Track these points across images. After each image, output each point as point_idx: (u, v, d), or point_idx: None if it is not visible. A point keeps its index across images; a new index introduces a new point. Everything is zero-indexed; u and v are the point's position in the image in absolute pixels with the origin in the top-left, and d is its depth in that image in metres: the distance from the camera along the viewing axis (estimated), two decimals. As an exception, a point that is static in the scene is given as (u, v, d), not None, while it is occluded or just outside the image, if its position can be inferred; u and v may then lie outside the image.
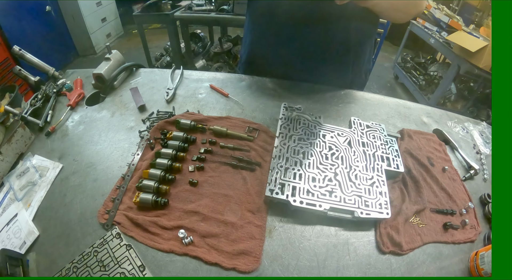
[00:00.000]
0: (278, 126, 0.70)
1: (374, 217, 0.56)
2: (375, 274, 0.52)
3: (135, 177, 0.64)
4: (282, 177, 0.60)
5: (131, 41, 4.11)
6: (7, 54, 2.33)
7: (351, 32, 0.82)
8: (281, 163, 0.62)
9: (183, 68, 1.00)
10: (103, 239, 0.55)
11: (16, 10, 2.58)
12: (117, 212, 0.58)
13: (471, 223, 0.61)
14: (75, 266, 0.52)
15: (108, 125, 0.80)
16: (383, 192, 0.60)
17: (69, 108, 0.85)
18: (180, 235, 0.53)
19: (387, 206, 0.58)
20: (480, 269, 0.52)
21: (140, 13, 2.61)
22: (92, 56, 3.65)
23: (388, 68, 3.61)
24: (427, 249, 0.57)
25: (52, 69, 0.97)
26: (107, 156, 0.71)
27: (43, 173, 0.68)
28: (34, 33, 2.82)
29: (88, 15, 3.42)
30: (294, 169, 0.61)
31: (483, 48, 2.06)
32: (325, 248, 0.55)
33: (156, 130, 0.75)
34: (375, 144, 0.70)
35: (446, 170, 0.71)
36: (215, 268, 0.51)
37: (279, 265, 0.52)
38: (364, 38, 0.87)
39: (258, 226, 0.56)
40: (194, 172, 0.66)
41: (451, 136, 0.81)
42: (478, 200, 0.68)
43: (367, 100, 0.91)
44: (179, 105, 0.86)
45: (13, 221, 0.61)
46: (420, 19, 2.90)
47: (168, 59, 3.03)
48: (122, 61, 0.99)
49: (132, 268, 0.51)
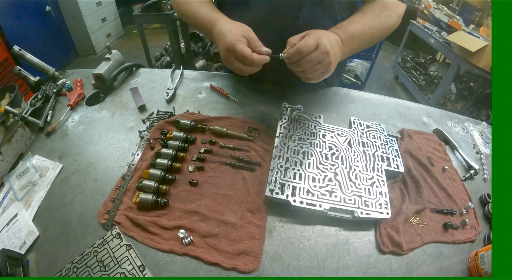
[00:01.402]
0: (278, 127, 0.70)
1: (374, 217, 0.56)
2: (375, 274, 0.52)
3: (135, 177, 0.64)
4: (282, 177, 0.60)
5: (131, 41, 4.11)
6: (7, 54, 2.33)
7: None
8: (281, 163, 0.62)
9: (183, 68, 1.00)
10: (103, 239, 0.55)
11: (16, 10, 2.58)
12: (117, 212, 0.58)
13: (471, 223, 0.61)
14: (75, 266, 0.52)
15: (108, 125, 0.80)
16: (383, 192, 0.60)
17: (69, 108, 0.85)
18: (180, 235, 0.53)
19: (387, 206, 0.58)
20: (480, 269, 0.52)
21: (140, 13, 2.61)
22: (92, 56, 3.65)
23: (388, 68, 3.61)
24: (427, 249, 0.57)
25: (52, 69, 0.97)
26: (107, 156, 0.71)
27: (43, 173, 0.68)
28: (34, 33, 2.82)
29: (88, 15, 3.42)
30: (294, 168, 0.61)
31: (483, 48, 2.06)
32: (325, 248, 0.55)
33: (156, 130, 0.75)
34: (375, 143, 0.70)
35: (446, 170, 0.71)
36: (215, 268, 0.51)
37: (279, 265, 0.52)
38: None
39: (258, 226, 0.56)
40: (194, 172, 0.66)
41: (451, 136, 0.81)
42: (478, 200, 0.68)
43: (367, 100, 0.91)
44: (179, 105, 0.86)
45: (13, 221, 0.61)
46: (420, 19, 2.91)
47: (168, 59, 3.03)
48: (122, 61, 0.99)
49: (132, 268, 0.51)
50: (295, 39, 0.60)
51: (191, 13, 0.74)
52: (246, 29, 0.63)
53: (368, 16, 0.71)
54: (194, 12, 0.74)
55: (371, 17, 0.71)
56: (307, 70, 0.59)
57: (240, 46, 0.58)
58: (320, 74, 0.61)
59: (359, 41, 0.69)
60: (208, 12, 0.71)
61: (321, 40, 0.58)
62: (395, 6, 0.74)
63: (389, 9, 0.73)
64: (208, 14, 0.70)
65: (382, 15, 0.72)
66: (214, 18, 0.68)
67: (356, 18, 0.71)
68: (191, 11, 0.74)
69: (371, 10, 0.73)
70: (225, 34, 0.61)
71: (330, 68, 0.61)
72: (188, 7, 0.76)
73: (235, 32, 0.61)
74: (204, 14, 0.71)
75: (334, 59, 0.61)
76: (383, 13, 0.72)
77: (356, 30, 0.68)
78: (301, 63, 0.58)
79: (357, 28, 0.68)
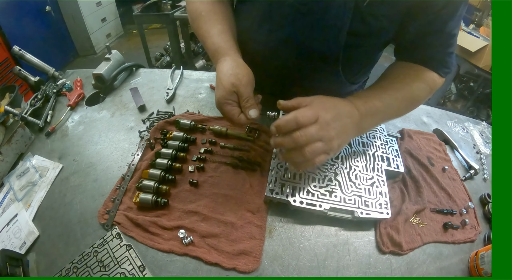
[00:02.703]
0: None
1: (374, 217, 0.56)
2: (375, 274, 0.52)
3: (135, 177, 0.64)
4: (282, 177, 0.60)
5: (131, 41, 4.11)
6: (7, 54, 2.33)
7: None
8: (281, 163, 0.62)
9: (183, 68, 1.00)
10: (103, 239, 0.55)
11: (16, 10, 2.58)
12: (117, 212, 0.58)
13: (471, 223, 0.61)
14: (75, 266, 0.52)
15: (108, 125, 0.80)
16: (383, 192, 0.60)
17: (69, 108, 0.85)
18: (180, 235, 0.53)
19: (387, 206, 0.58)
20: (480, 269, 0.52)
21: (140, 13, 2.61)
22: (92, 56, 3.64)
23: (388, 68, 3.60)
24: (427, 249, 0.57)
25: (52, 69, 0.97)
26: (107, 156, 0.71)
27: (43, 173, 0.68)
28: (34, 33, 2.81)
29: (88, 15, 3.42)
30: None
31: (483, 48, 2.06)
32: (325, 248, 0.55)
33: (156, 131, 0.75)
34: (375, 143, 0.70)
35: (446, 169, 0.71)
36: (215, 268, 0.51)
37: (279, 265, 0.52)
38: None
39: (258, 226, 0.56)
40: (194, 172, 0.66)
41: (451, 136, 0.81)
42: (478, 200, 0.68)
43: (367, 100, 0.91)
44: (179, 105, 0.86)
45: (13, 221, 0.61)
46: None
47: (168, 59, 3.03)
48: (122, 61, 0.99)
49: (132, 268, 0.51)
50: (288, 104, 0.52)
51: (201, 35, 0.66)
52: (240, 81, 0.55)
53: (398, 85, 0.60)
54: (203, 35, 0.65)
55: (401, 87, 0.60)
56: (306, 149, 0.47)
57: (226, 109, 0.56)
58: (323, 156, 0.50)
59: (382, 115, 0.58)
60: (215, 41, 0.62)
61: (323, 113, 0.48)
62: (432, 80, 0.61)
63: (424, 81, 0.61)
64: (214, 45, 0.62)
65: (414, 86, 0.60)
66: (218, 52, 0.61)
67: (383, 85, 0.61)
68: (201, 32, 0.66)
69: (402, 78, 0.61)
70: (217, 85, 0.57)
71: (333, 147, 0.50)
72: (200, 26, 0.66)
73: (226, 86, 0.55)
74: (210, 43, 0.63)
75: (341, 138, 0.51)
76: (416, 84, 0.60)
77: (381, 101, 0.56)
78: (295, 136, 0.47)
79: (382, 99, 0.57)
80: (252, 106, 0.56)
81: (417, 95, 0.61)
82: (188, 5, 0.71)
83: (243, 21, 0.70)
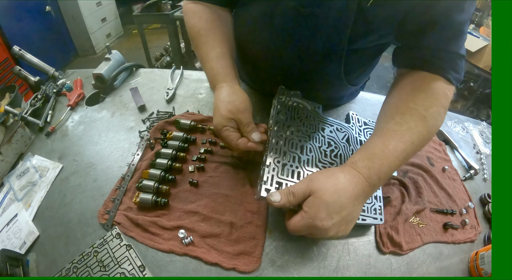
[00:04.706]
0: (272, 109, 0.64)
1: (369, 222, 0.55)
2: (375, 274, 0.52)
3: (135, 177, 0.64)
4: (279, 174, 0.55)
5: (131, 41, 4.11)
6: (7, 54, 2.33)
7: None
8: (278, 158, 0.57)
9: (183, 68, 1.00)
10: (103, 239, 0.55)
11: (16, 10, 2.58)
12: (117, 212, 0.58)
13: (471, 223, 0.61)
14: (75, 266, 0.52)
15: (108, 125, 0.80)
16: (378, 196, 0.59)
17: (69, 108, 0.85)
18: (180, 235, 0.53)
19: (381, 212, 0.57)
20: (480, 269, 0.52)
21: (140, 13, 2.61)
22: (92, 56, 3.65)
23: (388, 68, 3.60)
24: (427, 249, 0.57)
25: (52, 69, 0.97)
26: (107, 156, 0.71)
27: (43, 173, 0.68)
28: (34, 33, 2.82)
29: (88, 15, 3.42)
30: (292, 165, 0.57)
31: (483, 48, 2.07)
32: (325, 248, 0.55)
33: (156, 131, 0.75)
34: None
35: (446, 169, 0.71)
36: (215, 268, 0.51)
37: (279, 265, 0.52)
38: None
39: (258, 226, 0.56)
40: (194, 172, 0.66)
41: (451, 136, 0.82)
42: (478, 200, 0.68)
43: (367, 100, 0.91)
44: (179, 105, 0.86)
45: (13, 221, 0.61)
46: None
47: (168, 59, 3.03)
48: (122, 61, 0.99)
49: (132, 268, 0.51)
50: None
51: (199, 55, 0.66)
52: (237, 108, 0.56)
53: (411, 123, 0.50)
54: (201, 56, 0.65)
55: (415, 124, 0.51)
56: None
57: (225, 134, 0.56)
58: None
59: (396, 167, 0.50)
60: (214, 66, 0.62)
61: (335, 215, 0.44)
62: (444, 95, 0.54)
63: (437, 101, 0.53)
64: (213, 70, 0.62)
65: (429, 114, 0.51)
66: (216, 79, 0.61)
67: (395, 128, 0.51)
68: (200, 53, 0.66)
69: (413, 107, 0.52)
70: (215, 112, 0.57)
71: (327, 234, 0.46)
72: (199, 46, 0.66)
73: (223, 113, 0.55)
74: (209, 68, 0.63)
75: (353, 222, 0.48)
76: (430, 111, 0.51)
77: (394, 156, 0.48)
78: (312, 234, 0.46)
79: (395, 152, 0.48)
80: (254, 130, 0.57)
81: (433, 125, 0.53)
82: (187, 23, 0.70)
83: (244, 23, 0.70)
